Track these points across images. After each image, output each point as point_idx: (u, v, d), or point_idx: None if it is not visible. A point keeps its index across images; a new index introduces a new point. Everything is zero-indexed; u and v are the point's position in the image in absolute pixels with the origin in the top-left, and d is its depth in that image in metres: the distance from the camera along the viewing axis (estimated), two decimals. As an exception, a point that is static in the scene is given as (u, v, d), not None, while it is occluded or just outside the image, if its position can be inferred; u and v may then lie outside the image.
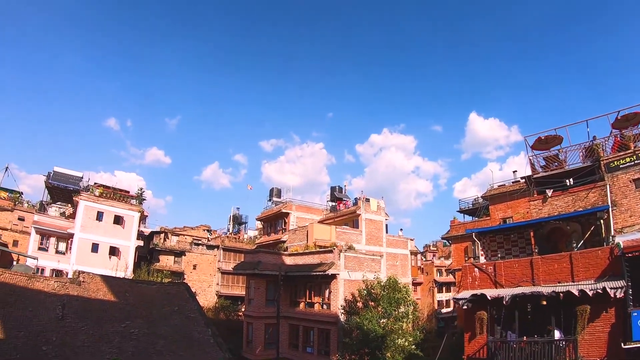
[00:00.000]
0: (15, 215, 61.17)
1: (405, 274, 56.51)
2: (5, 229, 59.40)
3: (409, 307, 37.67)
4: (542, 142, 34.95)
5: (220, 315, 62.37)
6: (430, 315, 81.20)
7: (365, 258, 45.09)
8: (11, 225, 60.24)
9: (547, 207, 32.08)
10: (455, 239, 54.21)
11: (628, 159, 29.06)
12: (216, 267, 72.67)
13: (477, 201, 60.26)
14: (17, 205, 63.18)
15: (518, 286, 27.68)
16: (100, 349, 19.46)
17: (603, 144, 31.50)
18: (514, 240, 32.96)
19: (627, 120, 31.89)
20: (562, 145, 34.45)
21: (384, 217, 57.64)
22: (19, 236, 59.41)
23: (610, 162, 29.72)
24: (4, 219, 59.93)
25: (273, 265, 44.12)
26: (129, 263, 55.86)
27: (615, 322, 23.83)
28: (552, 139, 34.50)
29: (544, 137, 34.59)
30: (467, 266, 31.74)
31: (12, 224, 60.46)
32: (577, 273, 25.86)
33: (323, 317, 40.85)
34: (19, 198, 66.88)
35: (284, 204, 66.32)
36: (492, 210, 48.60)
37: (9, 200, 63.23)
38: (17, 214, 61.41)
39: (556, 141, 34.54)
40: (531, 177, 35.26)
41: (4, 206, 60.78)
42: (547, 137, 34.49)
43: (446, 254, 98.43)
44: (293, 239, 53.45)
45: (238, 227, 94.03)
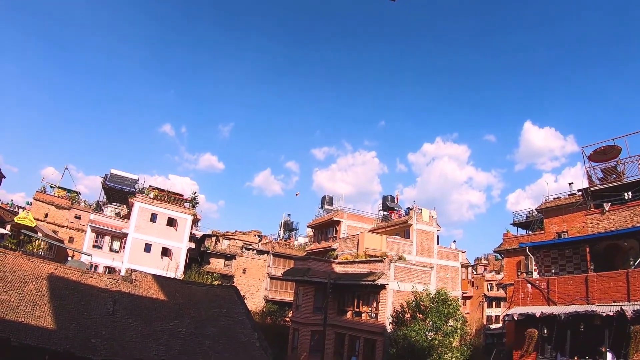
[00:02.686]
0: (72, 214, 62.98)
1: (455, 287, 55.78)
2: (63, 226, 61.24)
3: (457, 322, 37.09)
4: (600, 153, 33.86)
5: (267, 319, 62.57)
6: (479, 330, 79.90)
7: (415, 269, 44.62)
8: (68, 223, 62.06)
9: (604, 221, 31.06)
10: (508, 252, 53.27)
11: None
12: (265, 272, 73.12)
13: (532, 214, 59.09)
14: (74, 204, 65.01)
15: (571, 304, 26.91)
16: (148, 345, 19.71)
17: None
18: (568, 255, 32.08)
19: None
20: (620, 156, 33.34)
21: (436, 228, 57.03)
22: (75, 233, 61.10)
23: None
24: (61, 217, 61.69)
25: (322, 272, 44.08)
26: (180, 264, 56.69)
27: None
28: (610, 149, 33.39)
29: (602, 147, 33.50)
30: (519, 281, 31.10)
31: (69, 222, 62.31)
32: (634, 292, 24.96)
33: (370, 327, 40.52)
34: (77, 197, 68.77)
35: (335, 212, 66.35)
36: (547, 224, 47.59)
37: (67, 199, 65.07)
38: (74, 212, 63.24)
39: (614, 152, 33.38)
40: (588, 190, 34.26)
41: (61, 204, 62.56)
42: (605, 147, 33.40)
43: (498, 268, 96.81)
44: (343, 247, 53.38)
45: (288, 234, 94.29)
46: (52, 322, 18.20)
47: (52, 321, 18.23)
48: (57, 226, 60.63)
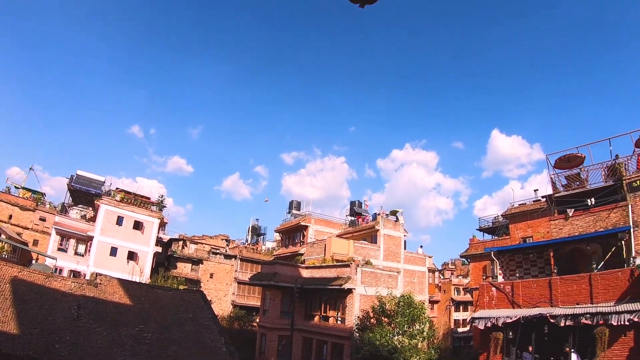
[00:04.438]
0: (37, 215, 61.78)
1: (422, 291, 56.10)
2: (27, 228, 60.04)
3: (424, 325, 37.37)
4: (564, 160, 34.66)
5: (234, 324, 62.39)
6: (446, 334, 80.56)
7: (382, 274, 44.84)
8: (32, 225, 60.88)
9: (567, 227, 31.72)
10: (474, 257, 53.85)
11: None
12: (233, 277, 72.82)
13: (497, 220, 59.87)
14: (39, 205, 63.77)
15: (536, 307, 27.41)
16: (113, 351, 19.49)
17: (626, 163, 31.17)
18: (533, 260, 32.63)
19: None
20: (584, 164, 34.13)
21: (403, 233, 57.27)
22: (39, 236, 59.99)
23: (632, 182, 29.38)
24: (25, 219, 60.56)
25: (289, 277, 44.00)
26: (146, 268, 56.14)
27: (634, 346, 23.48)
28: (574, 157, 34.19)
29: (566, 155, 34.31)
30: (484, 285, 31.54)
31: (34, 224, 61.11)
32: (597, 295, 25.55)
33: (337, 331, 40.61)
34: (42, 199, 67.42)
35: (303, 217, 66.29)
36: (512, 229, 48.22)
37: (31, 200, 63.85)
38: (38, 214, 62.00)
39: (578, 160, 34.21)
40: (552, 196, 35.00)
41: (26, 206, 61.44)
42: (569, 155, 34.18)
43: (464, 272, 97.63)
44: (311, 252, 53.36)
45: (256, 238, 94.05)
46: (15, 326, 17.90)
47: (15, 326, 17.93)
48: (21, 228, 59.38)
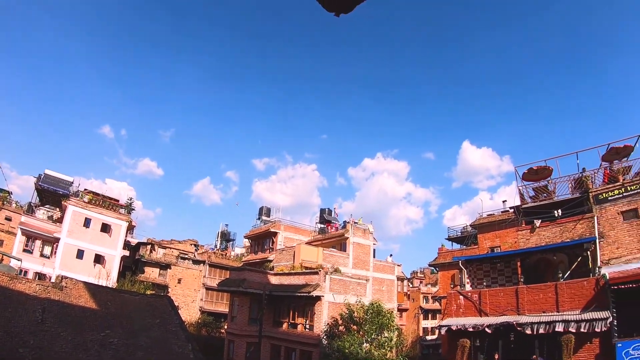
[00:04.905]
0: (2, 215, 60.39)
1: (391, 299, 56.24)
2: (-8, 228, 58.87)
3: (392, 333, 37.45)
4: (532, 172, 35.27)
5: (202, 331, 61.82)
6: (415, 341, 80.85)
7: (351, 281, 44.90)
8: (-3, 224, 59.69)
9: (534, 237, 32.28)
10: (443, 266, 54.16)
11: (617, 191, 29.49)
12: (201, 283, 72.18)
13: (466, 229, 60.28)
14: (4, 204, 62.45)
15: (503, 315, 27.74)
16: (78, 356, 19.17)
17: (592, 176, 32.02)
18: (500, 269, 33.04)
19: (617, 154, 32.45)
20: (552, 176, 34.84)
21: (372, 241, 57.39)
22: (4, 236, 58.58)
23: (598, 194, 30.13)
24: (-10, 218, 59.40)
25: (258, 283, 43.68)
26: (113, 272, 55.32)
27: (599, 353, 24.06)
28: (542, 170, 34.82)
29: (534, 168, 34.92)
30: (452, 293, 31.83)
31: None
32: (562, 303, 26.00)
33: (305, 338, 40.46)
34: (8, 198, 66.05)
35: (272, 223, 66.00)
36: (481, 239, 48.62)
37: (-3, 198, 62.62)
38: (4, 214, 60.56)
39: (546, 172, 34.88)
40: (520, 207, 35.53)
41: (-9, 204, 60.26)
42: (538, 168, 34.78)
43: (433, 281, 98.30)
44: (280, 258, 53.18)
45: (225, 244, 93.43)
46: (-23, 330, 17.60)
47: (-23, 329, 17.62)
48: (-15, 227, 58.42)
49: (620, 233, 28.68)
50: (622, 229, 28.70)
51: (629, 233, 28.39)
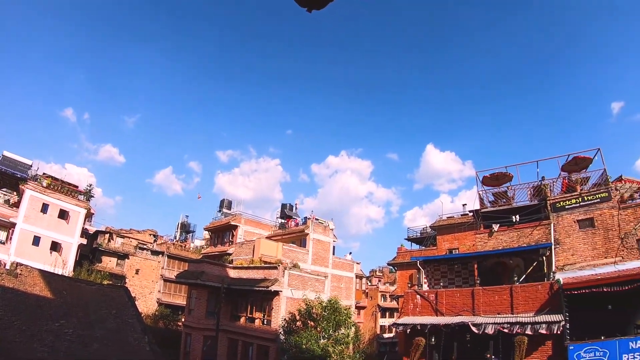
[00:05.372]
0: (-45, 197, 59.05)
1: (349, 296, 56.49)
2: (-56, 211, 57.29)
3: (349, 330, 37.63)
4: (493, 178, 35.93)
5: (159, 323, 61.06)
6: (372, 339, 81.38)
7: (310, 277, 45.02)
8: (-50, 208, 58.11)
9: (492, 241, 32.89)
10: (401, 265, 54.64)
11: (574, 200, 30.51)
12: (159, 274, 71.40)
13: (426, 231, 60.88)
14: (-42, 186, 60.92)
15: (458, 315, 28.19)
16: (32, 346, 18.87)
17: (551, 185, 33.00)
18: (457, 270, 33.52)
19: (576, 164, 33.38)
20: (511, 182, 35.62)
21: (332, 238, 57.59)
22: (-41, 220, 57.31)
23: (556, 203, 31.12)
24: (-57, 201, 57.83)
25: (217, 276, 43.46)
26: (70, 260, 54.28)
27: (552, 355, 24.76)
28: (503, 176, 35.49)
29: (495, 174, 35.59)
30: (409, 292, 32.15)
31: (-48, 206, 58.36)
32: (517, 306, 26.61)
33: (263, 333, 40.44)
34: (-38, 179, 64.40)
35: (233, 217, 65.68)
36: (440, 241, 49.22)
37: (-50, 180, 60.91)
38: (-41, 196, 59.27)
39: (506, 178, 35.58)
40: (479, 211, 36.09)
41: (-56, 186, 58.65)
42: (498, 174, 35.44)
43: (392, 280, 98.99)
44: (239, 252, 52.92)
45: (185, 235, 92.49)
46: None
47: None
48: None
49: (576, 241, 29.78)
50: (578, 237, 29.86)
51: (584, 241, 29.53)
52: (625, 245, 28.58)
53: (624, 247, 28.62)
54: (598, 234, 29.48)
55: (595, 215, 29.78)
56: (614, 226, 29.19)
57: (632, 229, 28.69)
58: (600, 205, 29.91)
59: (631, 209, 29.11)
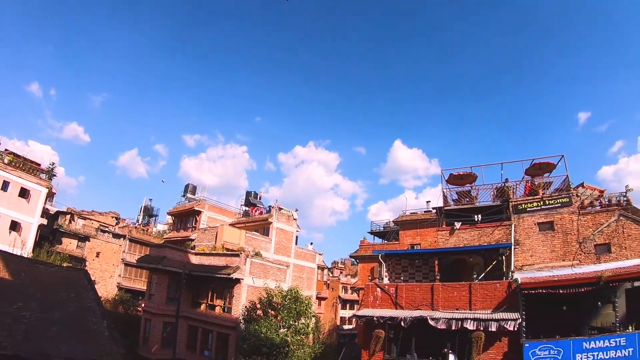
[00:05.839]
0: None
1: (311, 287, 56.75)
2: None
3: (309, 320, 37.78)
4: (457, 177, 36.57)
5: (119, 308, 60.36)
6: (332, 330, 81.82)
7: (272, 266, 45.14)
8: None
9: (454, 238, 33.49)
10: (363, 258, 54.96)
11: (535, 203, 31.53)
12: (120, 258, 70.58)
13: (389, 225, 61.31)
14: None
15: (417, 309, 28.62)
16: (-12, 330, 18.59)
17: (514, 187, 33.98)
18: (418, 265, 33.99)
19: (540, 169, 34.49)
20: (476, 182, 36.44)
21: (296, 228, 57.77)
22: None
23: (518, 205, 32.10)
24: None
25: (178, 262, 43.25)
26: (29, 241, 53.37)
27: (507, 352, 25.47)
28: (467, 175, 36.17)
29: (460, 173, 36.29)
30: (370, 285, 32.48)
31: None
32: (475, 302, 27.23)
33: (223, 320, 40.45)
34: None
35: (197, 202, 65.28)
36: (402, 236, 49.67)
37: None
38: None
39: (471, 178, 36.31)
40: (442, 209, 36.67)
41: None
42: (463, 173, 36.11)
43: (353, 272, 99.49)
44: (202, 238, 52.69)
45: (148, 219, 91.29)
46: None
47: None
48: None
49: (535, 242, 30.82)
50: (537, 238, 30.95)
51: (543, 243, 30.59)
52: (583, 250, 29.56)
53: (581, 251, 29.58)
54: (557, 237, 30.49)
55: (555, 219, 30.82)
56: (573, 231, 30.16)
57: (590, 235, 29.68)
58: (561, 210, 30.93)
59: (591, 215, 30.26)
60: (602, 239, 29.66)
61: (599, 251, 29.63)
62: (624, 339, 23.14)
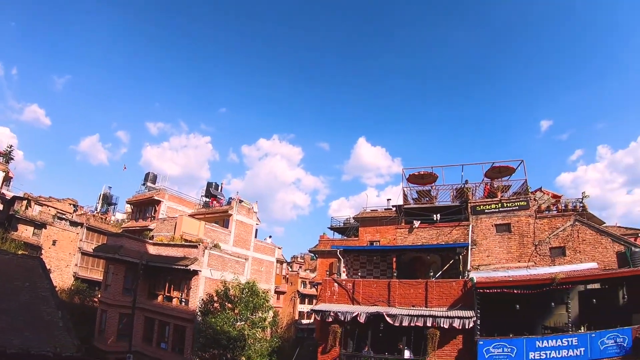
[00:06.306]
0: None
1: (269, 280, 56.75)
2: None
3: (266, 313, 37.76)
4: (419, 177, 37.17)
5: (74, 298, 59.15)
6: (290, 324, 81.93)
7: (230, 259, 44.96)
8: None
9: (412, 236, 34.00)
10: (322, 253, 55.08)
11: (494, 205, 32.36)
12: (77, 246, 69.41)
13: (349, 221, 61.52)
14: None
15: (374, 305, 28.92)
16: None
17: (473, 189, 34.74)
18: (376, 262, 34.36)
19: (499, 172, 35.51)
20: (436, 182, 37.15)
21: (256, 221, 57.65)
22: None
23: (477, 206, 32.91)
24: None
25: (136, 252, 42.71)
26: (-17, 227, 52.21)
27: (462, 349, 26.12)
28: (428, 175, 36.81)
29: (421, 172, 36.96)
30: (327, 280, 32.70)
31: None
32: (431, 300, 27.74)
33: (180, 313, 40.10)
34: None
35: (157, 191, 64.46)
36: (362, 232, 49.91)
37: None
38: None
39: (431, 178, 36.96)
40: (402, 207, 37.11)
41: None
42: (424, 173, 36.70)
43: (313, 267, 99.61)
44: (161, 228, 52.12)
45: (107, 208, 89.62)
46: None
47: None
48: None
49: (492, 243, 31.63)
50: (494, 239, 31.88)
51: (500, 244, 31.41)
52: (538, 252, 30.35)
53: (537, 253, 30.37)
54: (514, 239, 31.33)
55: (512, 222, 31.71)
56: (530, 233, 31.02)
57: (546, 238, 30.51)
58: (518, 213, 31.84)
59: (547, 219, 31.31)
60: (558, 243, 30.55)
61: (554, 254, 30.49)
62: (575, 338, 23.89)
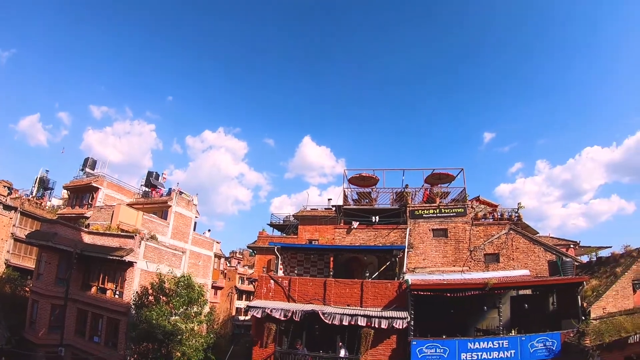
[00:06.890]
0: None
1: (206, 275, 56.38)
2: None
3: (202, 308, 37.48)
4: (360, 178, 37.89)
5: (5, 287, 57.34)
6: (227, 320, 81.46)
7: (167, 251, 44.53)
8: None
9: (350, 237, 34.60)
10: (261, 250, 55.20)
11: (432, 211, 33.55)
12: (10, 232, 67.33)
13: (289, 219, 61.84)
14: None
15: (310, 303, 29.17)
16: None
17: (413, 194, 35.97)
18: (314, 260, 34.62)
19: (439, 179, 37.06)
20: (377, 185, 37.98)
21: (195, 214, 57.21)
22: None
23: (415, 210, 34.10)
24: None
25: (70, 240, 41.60)
26: None
27: (396, 348, 26.66)
28: (369, 178, 37.54)
29: (362, 174, 37.75)
30: (264, 277, 32.81)
31: None
32: (366, 300, 28.28)
33: (114, 305, 39.31)
34: None
35: (95, 178, 62.53)
36: (301, 230, 50.31)
37: None
38: None
39: (372, 181, 37.75)
40: (342, 207, 37.60)
41: None
42: (365, 175, 37.42)
43: (251, 263, 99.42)
44: (97, 216, 50.91)
45: (43, 192, 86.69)
46: None
47: None
48: None
49: (429, 247, 32.82)
50: (431, 244, 33.11)
51: (436, 248, 32.66)
52: (473, 257, 31.43)
53: (472, 258, 31.42)
54: (449, 244, 32.40)
55: (449, 227, 32.83)
56: (465, 239, 32.09)
57: (481, 244, 31.66)
58: (455, 219, 32.99)
59: (482, 227, 32.69)
60: (492, 249, 31.72)
61: (488, 260, 31.60)
62: (506, 341, 24.80)
